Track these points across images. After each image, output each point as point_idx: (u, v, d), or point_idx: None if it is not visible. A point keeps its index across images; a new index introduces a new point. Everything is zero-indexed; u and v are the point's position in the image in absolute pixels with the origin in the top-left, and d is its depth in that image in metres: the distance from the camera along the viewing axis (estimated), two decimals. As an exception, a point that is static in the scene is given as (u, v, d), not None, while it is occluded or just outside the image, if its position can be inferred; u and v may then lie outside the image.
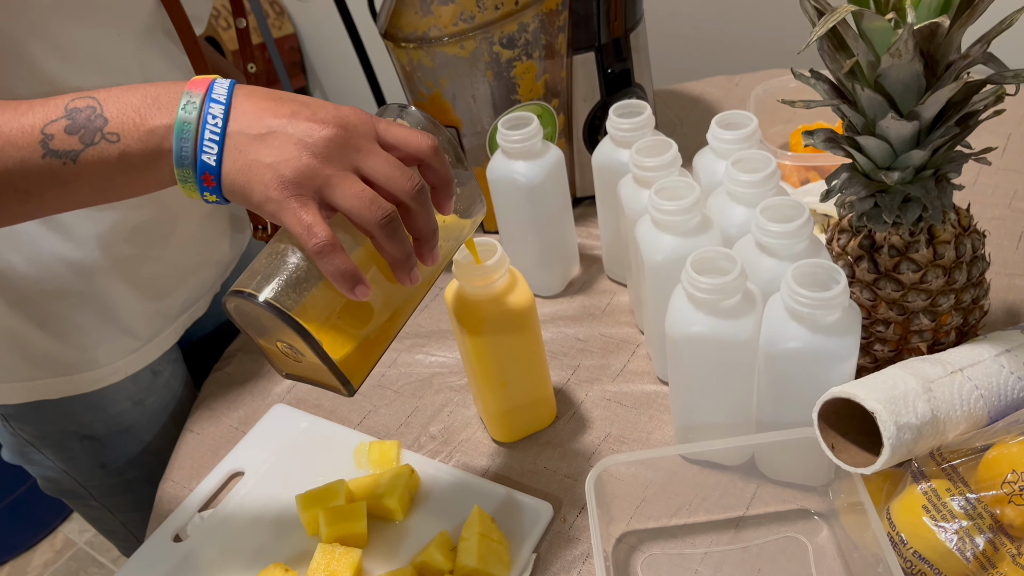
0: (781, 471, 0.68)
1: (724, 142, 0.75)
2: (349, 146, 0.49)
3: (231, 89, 0.50)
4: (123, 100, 0.50)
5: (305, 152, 0.48)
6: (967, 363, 0.60)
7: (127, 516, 0.93)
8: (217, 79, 0.50)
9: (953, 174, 0.61)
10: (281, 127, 0.48)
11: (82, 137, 0.50)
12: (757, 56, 1.37)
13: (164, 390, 0.88)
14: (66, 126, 0.50)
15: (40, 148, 0.50)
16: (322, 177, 0.48)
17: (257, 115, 0.49)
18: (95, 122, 0.50)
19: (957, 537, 0.52)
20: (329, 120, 0.49)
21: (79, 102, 0.50)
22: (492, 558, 0.64)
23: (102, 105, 0.50)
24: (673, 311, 0.63)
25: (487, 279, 0.66)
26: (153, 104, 0.49)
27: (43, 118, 0.50)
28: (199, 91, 0.49)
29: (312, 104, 0.50)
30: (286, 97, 0.51)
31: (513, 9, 0.84)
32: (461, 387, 0.82)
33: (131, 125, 0.49)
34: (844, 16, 0.52)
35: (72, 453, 0.86)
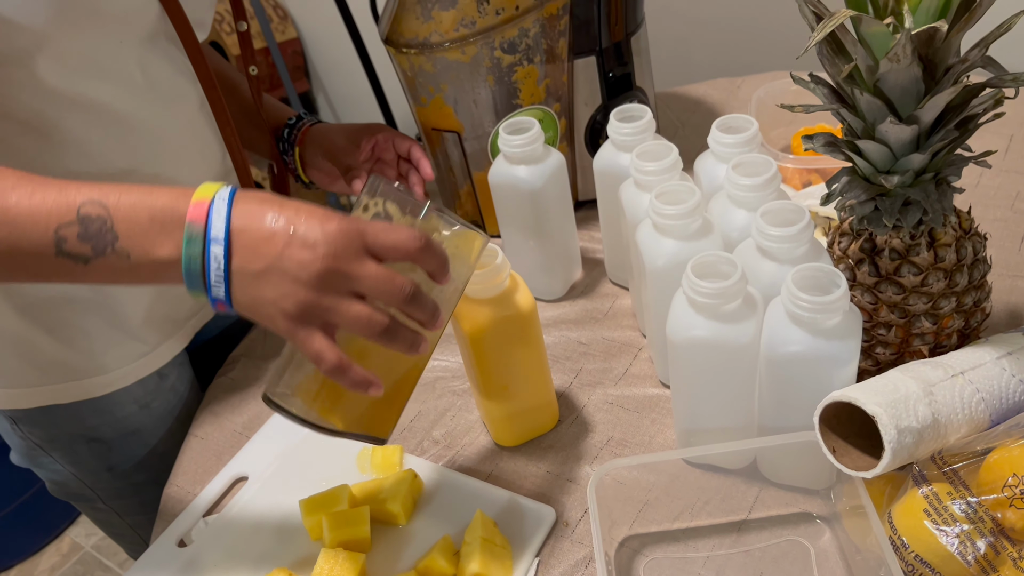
0: (783, 475, 0.68)
1: (725, 146, 0.75)
2: (340, 274, 0.52)
3: (228, 219, 0.52)
4: (132, 219, 0.53)
5: (301, 288, 0.52)
6: (968, 366, 0.60)
7: (134, 519, 0.94)
8: (214, 203, 0.52)
9: (953, 177, 0.61)
10: (276, 263, 0.52)
11: (94, 247, 0.53)
12: (760, 58, 1.37)
13: (170, 393, 0.89)
14: (78, 232, 0.53)
15: (54, 247, 0.53)
16: (321, 308, 0.53)
17: (254, 251, 0.52)
18: (106, 236, 0.53)
19: (958, 541, 0.52)
20: (319, 250, 0.51)
21: (90, 208, 0.52)
22: (495, 563, 0.65)
23: (112, 218, 0.53)
24: (674, 315, 0.63)
25: (488, 284, 0.66)
26: (160, 231, 0.52)
27: (56, 219, 0.53)
28: (199, 224, 0.52)
29: (302, 227, 0.52)
30: (279, 225, 0.52)
31: (514, 14, 0.84)
32: (464, 391, 0.82)
33: (140, 249, 0.53)
34: (842, 21, 0.52)
35: (79, 456, 0.86)
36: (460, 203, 1.01)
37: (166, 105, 0.75)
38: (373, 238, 0.53)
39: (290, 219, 0.52)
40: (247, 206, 0.53)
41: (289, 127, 0.90)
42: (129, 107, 0.72)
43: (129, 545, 1.00)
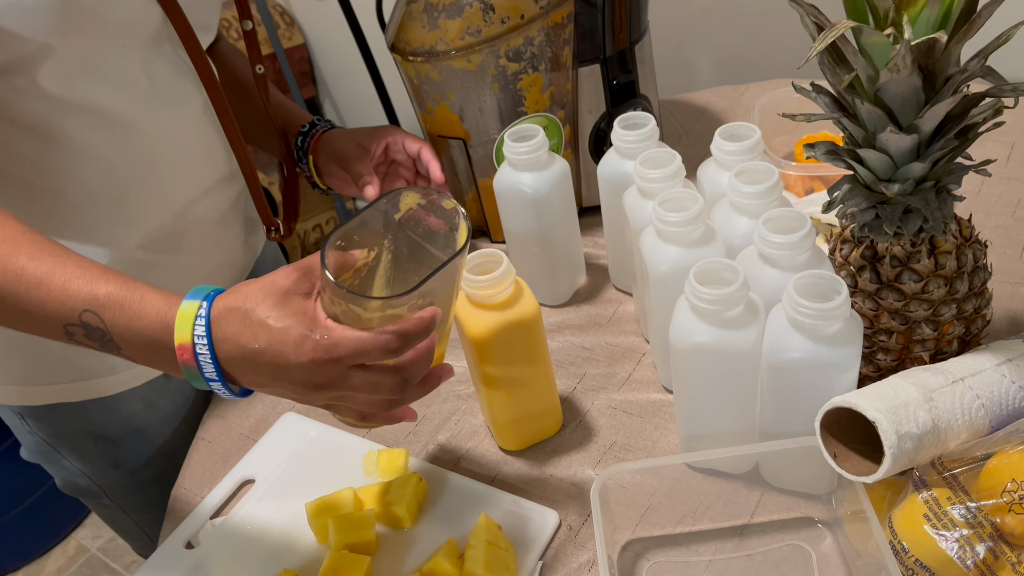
0: (785, 480, 0.68)
1: (727, 153, 0.76)
2: (330, 392, 0.55)
3: (216, 362, 0.54)
4: (129, 340, 0.56)
5: (303, 398, 0.57)
6: (968, 373, 0.60)
7: (140, 516, 0.95)
8: (197, 347, 0.54)
9: (953, 186, 0.62)
10: (273, 385, 0.56)
11: (102, 346, 0.57)
12: (762, 66, 1.38)
13: (176, 393, 0.90)
14: (84, 333, 0.57)
15: (65, 337, 0.58)
16: (326, 405, 0.59)
17: (249, 377, 0.55)
18: (109, 344, 0.57)
19: (958, 545, 0.53)
20: (307, 384, 0.54)
21: (89, 318, 0.56)
22: (499, 566, 0.65)
23: (110, 334, 0.56)
24: (677, 321, 0.64)
25: (493, 290, 0.67)
26: (158, 357, 0.56)
27: (63, 319, 0.56)
28: (192, 366, 0.55)
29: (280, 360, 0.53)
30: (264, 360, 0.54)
31: (519, 23, 0.85)
32: (468, 396, 0.83)
33: (144, 361, 0.57)
34: (843, 32, 0.53)
35: (86, 452, 0.87)
36: (465, 209, 1.01)
37: (170, 109, 0.76)
38: (350, 360, 0.53)
39: (267, 354, 0.53)
40: (226, 345, 0.54)
41: (302, 135, 0.90)
42: (133, 112, 0.73)
43: (136, 543, 1.01)
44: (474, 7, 0.84)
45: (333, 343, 0.53)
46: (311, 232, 2.36)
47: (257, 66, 0.86)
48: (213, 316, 0.55)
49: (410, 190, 0.60)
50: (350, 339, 0.53)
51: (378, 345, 0.53)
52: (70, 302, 0.56)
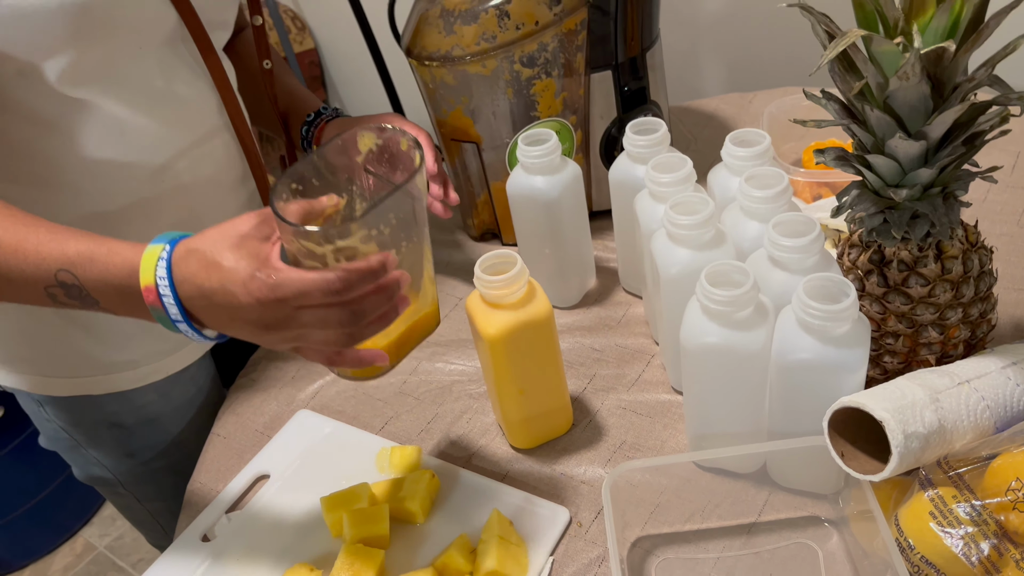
0: (792, 479, 0.70)
1: (738, 159, 0.77)
2: (284, 332, 0.56)
3: (179, 302, 0.57)
4: (103, 292, 0.58)
5: (261, 338, 0.58)
6: (974, 375, 0.62)
7: (153, 505, 0.97)
8: (160, 288, 0.56)
9: (960, 192, 0.63)
10: (232, 325, 0.57)
11: (82, 303, 0.60)
12: (770, 75, 1.39)
13: (190, 384, 0.92)
14: (64, 293, 0.59)
15: (49, 300, 0.60)
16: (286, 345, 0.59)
17: (211, 314, 0.57)
18: (87, 298, 0.59)
19: (963, 543, 0.54)
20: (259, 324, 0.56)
21: (64, 275, 0.58)
22: (510, 560, 0.66)
23: (85, 288, 0.59)
24: (687, 322, 0.65)
25: (507, 289, 0.68)
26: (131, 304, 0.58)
27: (42, 281, 0.59)
28: (159, 308, 0.57)
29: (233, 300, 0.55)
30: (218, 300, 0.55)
31: (533, 29, 0.87)
32: (480, 395, 0.85)
33: (122, 311, 0.60)
34: (854, 40, 0.55)
35: (101, 440, 0.89)
36: (477, 212, 1.03)
37: (184, 109, 0.77)
38: (295, 300, 0.54)
39: (218, 294, 0.55)
40: (187, 286, 0.56)
41: (307, 124, 0.90)
42: (147, 112, 0.74)
43: (149, 532, 1.02)
44: (490, 13, 0.86)
45: (277, 283, 0.54)
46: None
47: (264, 61, 0.87)
48: (174, 258, 0.56)
49: (365, 130, 0.61)
50: (293, 279, 0.54)
51: (319, 286, 0.53)
52: (45, 264, 0.58)
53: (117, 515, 1.90)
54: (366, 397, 0.87)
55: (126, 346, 0.84)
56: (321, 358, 0.60)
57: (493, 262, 0.71)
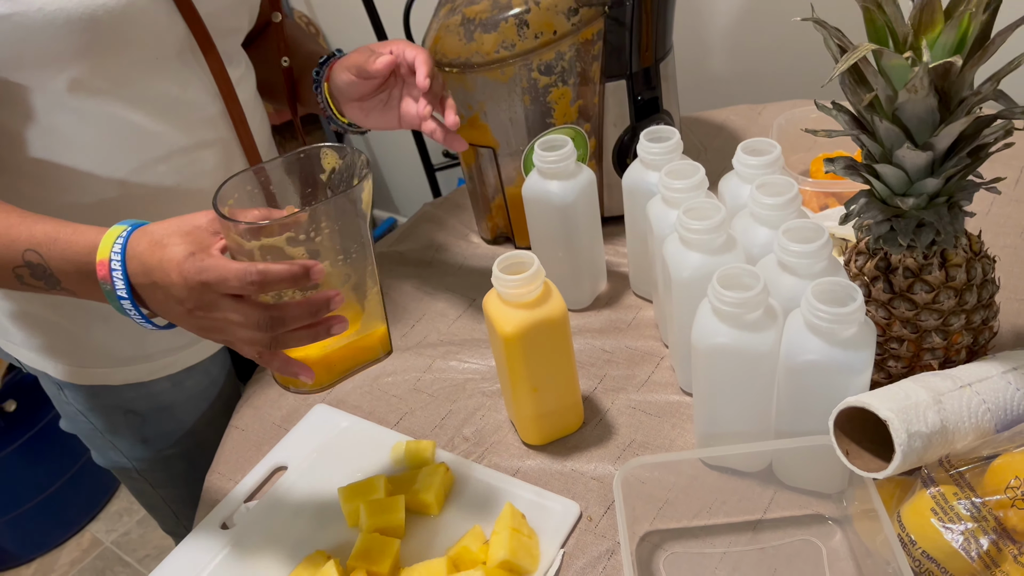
0: (798, 478, 0.72)
1: (749, 167, 0.79)
2: (209, 319, 0.60)
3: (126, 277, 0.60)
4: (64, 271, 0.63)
5: (192, 328, 0.62)
6: (976, 379, 0.64)
7: (166, 491, 1.00)
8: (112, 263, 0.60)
9: (965, 201, 0.65)
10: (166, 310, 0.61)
11: (46, 284, 0.64)
12: (779, 88, 1.42)
13: (203, 376, 0.94)
14: (30, 273, 0.64)
15: (18, 282, 0.65)
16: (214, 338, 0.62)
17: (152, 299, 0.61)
18: (51, 278, 0.64)
19: (963, 538, 0.56)
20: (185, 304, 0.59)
21: (31, 256, 0.63)
22: (522, 551, 0.68)
23: (49, 267, 0.63)
24: (699, 323, 0.67)
25: (524, 289, 0.71)
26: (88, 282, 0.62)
27: (11, 262, 0.63)
28: (108, 283, 0.61)
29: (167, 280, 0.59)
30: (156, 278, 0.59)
31: (551, 38, 0.89)
32: (493, 392, 0.87)
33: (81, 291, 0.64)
34: (865, 54, 0.57)
35: (117, 426, 0.92)
36: (491, 216, 1.05)
37: (191, 117, 0.79)
38: (218, 287, 0.58)
39: (156, 272, 0.59)
40: (134, 262, 0.60)
41: (320, 65, 0.87)
42: (155, 120, 0.76)
43: (161, 518, 1.05)
44: (509, 22, 0.88)
45: (204, 266, 0.57)
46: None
47: (283, 59, 0.89)
48: (130, 239, 0.60)
49: (328, 147, 0.64)
50: (218, 265, 0.57)
51: (238, 274, 0.57)
52: (14, 245, 0.63)
53: (124, 511, 1.92)
54: (381, 393, 0.89)
55: (143, 341, 0.87)
56: (251, 353, 0.63)
57: (511, 262, 0.73)
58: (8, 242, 0.63)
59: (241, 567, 0.73)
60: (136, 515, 1.90)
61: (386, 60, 0.78)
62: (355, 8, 1.67)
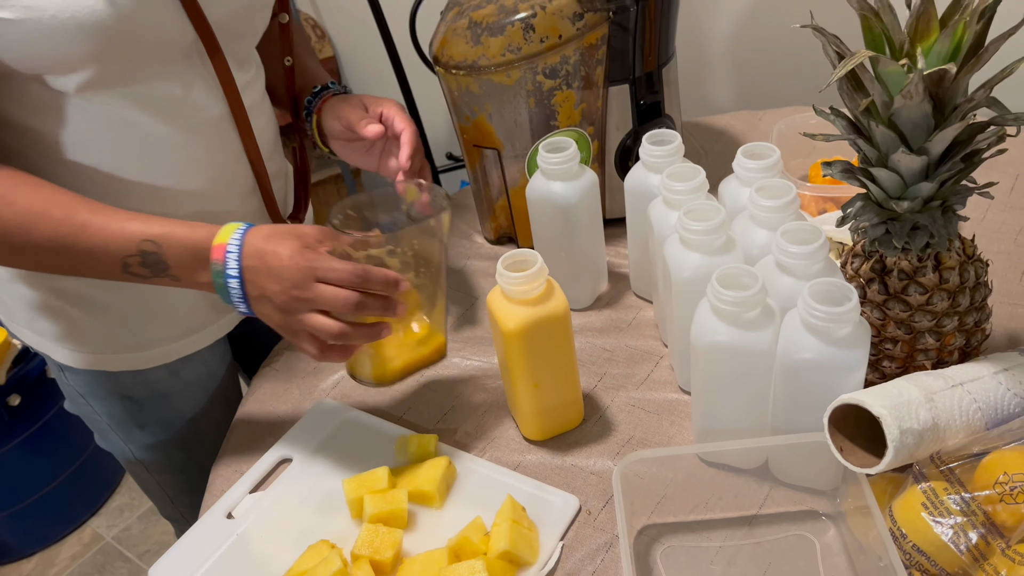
0: (792, 475, 0.73)
1: (749, 170, 0.81)
2: (299, 299, 0.70)
3: (239, 259, 0.70)
4: (178, 255, 0.71)
5: (276, 311, 0.71)
6: (967, 379, 0.65)
7: (163, 477, 1.02)
8: (229, 247, 0.70)
9: (959, 206, 0.67)
10: (263, 292, 0.70)
11: (153, 271, 0.72)
12: (779, 94, 1.44)
13: (200, 365, 0.96)
14: (139, 261, 0.71)
15: (121, 269, 0.71)
16: (294, 322, 0.71)
17: (252, 281, 0.70)
18: (161, 266, 0.71)
19: (952, 532, 0.57)
20: (283, 283, 0.69)
21: (147, 245, 0.70)
22: (522, 543, 0.70)
23: (164, 253, 0.71)
24: (698, 322, 0.69)
25: (527, 286, 0.72)
26: (198, 264, 0.71)
27: (124, 251, 0.70)
28: (220, 263, 0.70)
29: (275, 263, 0.69)
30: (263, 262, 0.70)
31: (556, 43, 0.91)
32: (495, 389, 0.88)
33: (186, 276, 0.72)
34: (862, 60, 0.59)
35: (115, 410, 0.94)
36: (495, 216, 1.07)
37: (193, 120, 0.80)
38: (322, 274, 0.69)
39: (270, 255, 0.70)
40: (250, 247, 0.70)
41: (313, 95, 0.92)
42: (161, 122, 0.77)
43: (159, 502, 1.08)
44: (515, 26, 0.90)
45: (317, 256, 0.69)
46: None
47: (286, 58, 0.91)
48: (251, 230, 0.71)
49: (409, 183, 0.79)
50: (324, 256, 0.69)
51: (347, 267, 0.69)
52: (131, 236, 0.70)
53: (125, 506, 1.93)
54: (385, 388, 0.91)
55: (141, 330, 0.89)
56: (312, 350, 0.72)
57: (515, 260, 0.74)
58: (126, 233, 0.70)
59: (246, 555, 0.75)
60: (137, 511, 1.91)
61: (375, 130, 0.84)
62: (361, 11, 1.69)
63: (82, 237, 0.70)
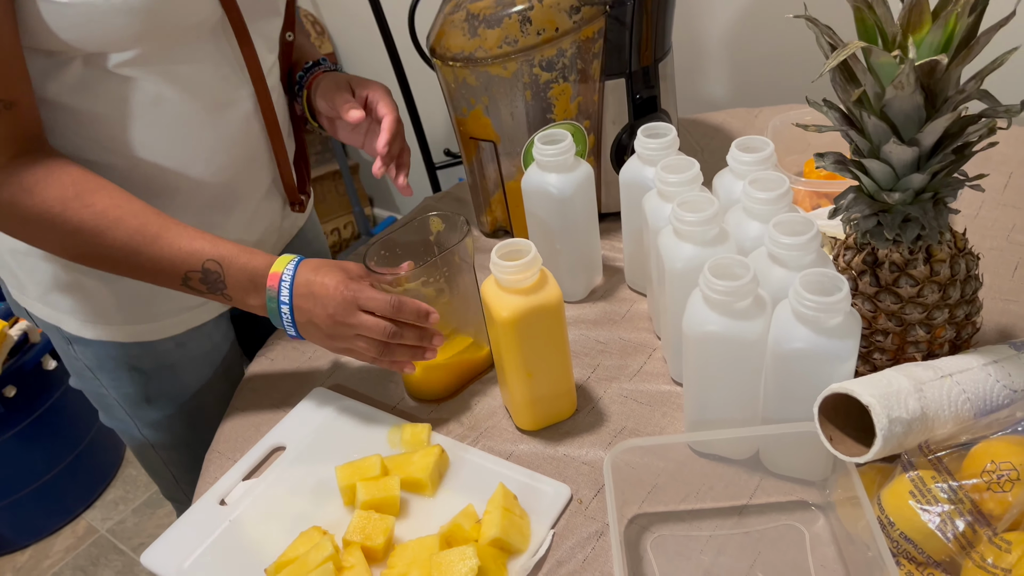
0: (783, 465, 0.73)
1: (742, 163, 0.81)
2: (342, 324, 0.77)
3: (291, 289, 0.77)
4: (237, 278, 0.77)
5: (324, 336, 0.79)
6: (957, 369, 0.66)
7: (168, 454, 1.03)
8: (283, 277, 0.77)
9: (950, 198, 0.67)
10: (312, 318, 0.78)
11: (209, 289, 0.78)
12: (775, 92, 1.44)
13: (205, 338, 0.97)
14: (200, 278, 0.77)
15: (181, 282, 0.77)
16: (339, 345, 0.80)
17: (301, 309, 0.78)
18: (219, 284, 0.77)
19: (940, 519, 0.58)
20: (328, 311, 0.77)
21: (211, 265, 0.76)
22: (513, 530, 0.70)
23: (224, 274, 0.77)
24: (690, 311, 0.69)
25: (521, 275, 0.73)
26: (253, 289, 0.78)
27: (187, 267, 0.76)
28: (275, 291, 0.78)
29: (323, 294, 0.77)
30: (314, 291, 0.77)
31: (553, 35, 0.92)
32: (488, 379, 0.89)
33: (239, 297, 0.78)
34: (855, 51, 0.59)
35: (122, 382, 0.95)
36: (491, 209, 1.07)
37: (224, 101, 0.83)
38: (363, 303, 0.77)
39: (317, 285, 0.77)
40: (301, 278, 0.77)
41: (304, 70, 0.95)
42: (191, 103, 0.80)
43: (162, 482, 1.09)
44: (512, 19, 0.90)
45: (358, 287, 0.77)
46: (329, 235, 2.42)
47: (287, 33, 0.92)
48: (302, 263, 0.78)
49: (434, 215, 0.85)
50: (366, 288, 0.77)
51: (383, 298, 0.76)
52: (196, 254, 0.76)
53: (120, 499, 1.93)
54: (379, 378, 0.91)
55: (150, 302, 0.91)
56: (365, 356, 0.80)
57: (509, 249, 0.75)
58: (192, 250, 0.76)
59: (238, 541, 0.75)
60: (132, 504, 1.91)
61: (356, 116, 0.86)
62: (361, 7, 1.70)
63: (153, 247, 0.75)
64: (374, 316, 0.77)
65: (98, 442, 1.90)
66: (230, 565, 0.73)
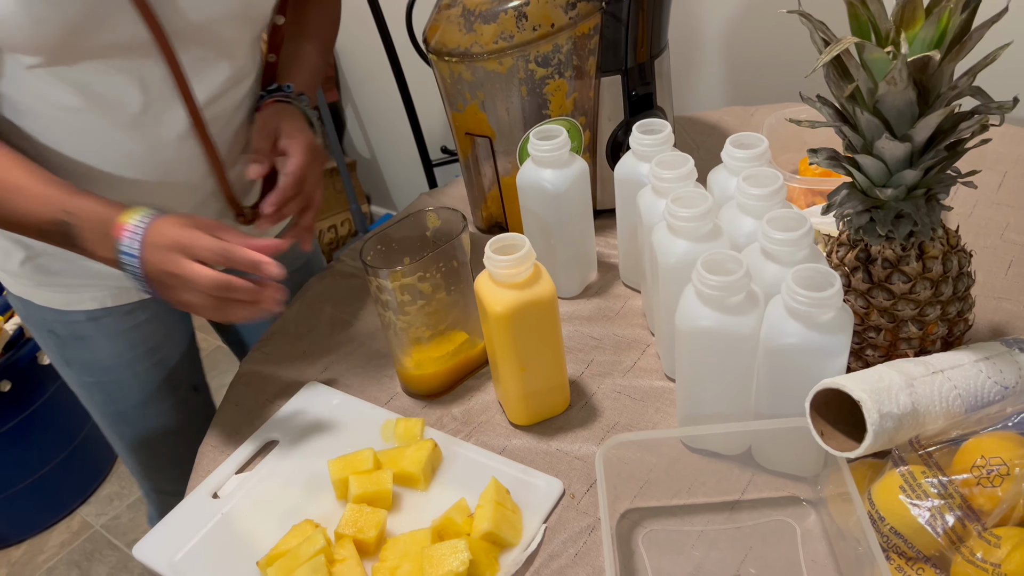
0: (775, 461, 0.74)
1: (737, 160, 0.82)
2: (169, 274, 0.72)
3: (141, 246, 0.73)
4: (90, 228, 0.74)
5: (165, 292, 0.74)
6: (948, 366, 0.66)
7: (91, 420, 1.06)
8: (131, 230, 0.73)
9: (942, 195, 0.67)
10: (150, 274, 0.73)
11: (66, 240, 0.75)
12: (771, 91, 1.44)
13: (125, 317, 0.97)
14: (57, 230, 0.74)
15: (42, 236, 0.75)
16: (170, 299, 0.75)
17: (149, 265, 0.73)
18: (74, 236, 0.74)
19: (930, 514, 0.58)
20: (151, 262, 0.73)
21: (64, 216, 0.73)
22: (505, 524, 0.70)
23: (80, 225, 0.73)
24: (683, 306, 0.69)
25: (515, 269, 0.73)
26: (103, 239, 0.74)
27: (44, 216, 0.74)
28: (122, 241, 0.73)
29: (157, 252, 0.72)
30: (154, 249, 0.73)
31: (549, 31, 0.92)
32: (482, 375, 0.89)
33: (92, 249, 0.75)
34: (848, 47, 0.59)
35: (45, 341, 0.99)
36: (486, 204, 1.07)
37: (150, 124, 0.81)
38: (192, 251, 0.71)
39: (158, 236, 0.72)
40: (152, 228, 0.73)
41: (267, 91, 0.92)
42: (107, 119, 0.79)
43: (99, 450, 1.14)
44: (508, 14, 0.90)
45: (191, 234, 0.72)
46: (326, 232, 2.42)
47: (277, 16, 0.91)
48: (161, 216, 0.74)
49: (430, 210, 0.86)
50: (200, 235, 0.72)
51: (212, 245, 0.71)
52: (52, 204, 0.73)
53: (115, 495, 1.93)
54: (373, 372, 0.91)
55: (61, 272, 0.91)
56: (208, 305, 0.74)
57: (503, 244, 0.75)
58: (49, 200, 0.73)
59: (231, 534, 0.75)
60: (127, 499, 1.91)
61: (255, 173, 0.86)
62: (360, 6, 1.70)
63: (14, 197, 0.74)
64: (201, 266, 0.71)
65: (93, 438, 1.90)
66: (222, 558, 0.73)
